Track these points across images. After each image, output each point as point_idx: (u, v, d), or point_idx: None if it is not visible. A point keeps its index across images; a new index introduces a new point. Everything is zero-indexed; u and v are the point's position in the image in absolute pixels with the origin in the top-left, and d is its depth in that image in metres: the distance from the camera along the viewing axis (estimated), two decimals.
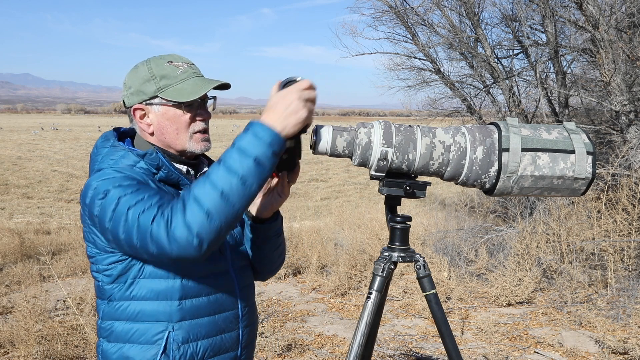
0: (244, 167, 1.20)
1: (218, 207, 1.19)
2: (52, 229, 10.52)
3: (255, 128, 1.23)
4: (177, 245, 1.20)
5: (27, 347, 3.75)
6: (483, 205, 8.71)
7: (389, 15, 9.59)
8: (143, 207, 1.25)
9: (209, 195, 1.19)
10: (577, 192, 1.49)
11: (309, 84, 1.28)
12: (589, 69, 8.24)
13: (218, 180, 1.20)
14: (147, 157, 1.39)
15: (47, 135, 48.90)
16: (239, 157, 1.21)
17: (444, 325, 1.56)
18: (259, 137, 1.22)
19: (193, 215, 1.18)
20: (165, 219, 1.21)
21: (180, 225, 1.19)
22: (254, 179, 1.22)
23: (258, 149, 1.21)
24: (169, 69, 1.43)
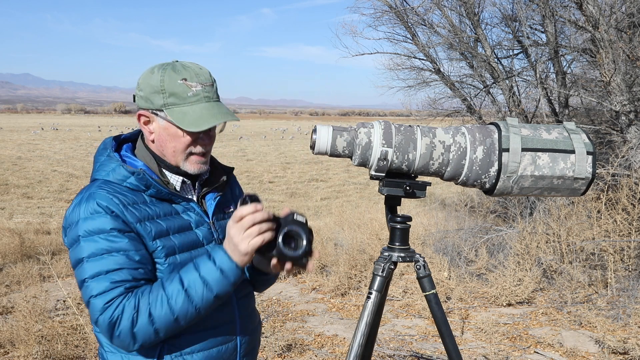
0: (204, 300, 1.29)
1: (169, 327, 1.29)
2: (52, 229, 10.52)
3: (223, 263, 1.29)
4: (118, 342, 1.29)
5: (27, 347, 3.75)
6: (483, 205, 8.70)
7: (389, 15, 9.59)
8: (92, 290, 1.28)
9: (163, 318, 1.27)
10: (577, 192, 1.49)
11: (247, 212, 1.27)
12: (589, 69, 8.24)
13: (176, 306, 1.27)
14: (136, 175, 1.38)
15: (47, 135, 48.90)
16: (202, 289, 1.29)
17: (444, 325, 1.56)
18: (224, 274, 1.29)
19: (142, 329, 1.27)
20: (112, 321, 1.26)
21: (126, 333, 1.26)
22: (207, 307, 1.31)
23: (221, 286, 1.30)
24: (180, 88, 1.37)
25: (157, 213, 1.40)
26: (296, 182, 22.26)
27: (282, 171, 25.22)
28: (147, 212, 1.37)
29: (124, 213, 1.33)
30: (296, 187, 20.94)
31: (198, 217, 1.47)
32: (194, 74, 1.39)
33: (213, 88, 1.42)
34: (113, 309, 1.25)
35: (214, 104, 1.40)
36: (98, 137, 47.64)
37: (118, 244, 1.30)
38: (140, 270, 1.32)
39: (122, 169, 1.39)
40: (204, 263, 1.30)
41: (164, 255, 1.37)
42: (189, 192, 1.52)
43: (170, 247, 1.38)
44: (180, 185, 1.49)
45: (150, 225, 1.36)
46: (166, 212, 1.42)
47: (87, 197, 1.34)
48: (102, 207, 1.31)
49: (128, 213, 1.34)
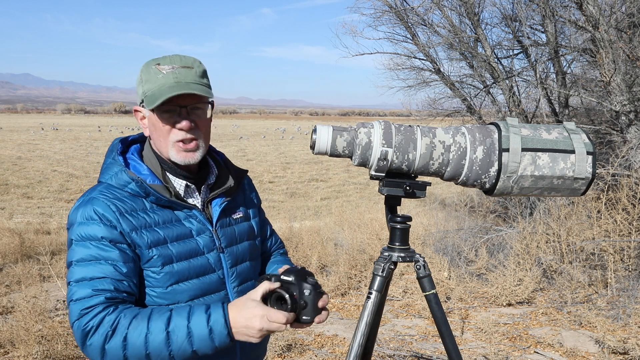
0: (181, 350, 1.24)
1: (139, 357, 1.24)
2: (52, 229, 10.52)
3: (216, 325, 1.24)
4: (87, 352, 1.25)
5: (27, 347, 3.75)
6: (483, 205, 8.70)
7: (389, 15, 9.59)
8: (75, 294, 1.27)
9: (136, 349, 1.23)
10: (577, 192, 1.48)
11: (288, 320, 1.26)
12: (589, 69, 8.24)
13: (152, 343, 1.23)
14: (135, 183, 1.37)
15: (47, 135, 48.90)
16: (184, 338, 1.24)
17: (444, 325, 1.55)
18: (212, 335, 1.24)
19: (113, 349, 1.23)
20: (86, 330, 1.24)
21: (97, 346, 1.23)
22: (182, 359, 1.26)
23: (204, 345, 1.24)
24: (152, 73, 1.37)
25: (156, 221, 1.38)
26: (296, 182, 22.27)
27: (282, 171, 25.23)
28: (144, 220, 1.36)
29: (119, 221, 1.32)
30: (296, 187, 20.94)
31: (200, 225, 1.44)
32: (169, 59, 1.39)
33: (190, 71, 1.38)
34: (90, 317, 1.24)
35: (180, 82, 1.35)
36: (98, 137, 47.65)
37: (107, 254, 1.30)
38: (125, 282, 1.30)
39: (124, 174, 1.38)
40: (198, 313, 1.26)
41: (161, 264, 1.35)
42: (193, 196, 1.49)
43: (167, 256, 1.36)
44: (184, 190, 1.46)
45: (147, 234, 1.35)
46: (166, 220, 1.39)
47: (86, 202, 1.35)
48: (98, 215, 1.32)
49: (124, 221, 1.33)
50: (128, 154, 1.48)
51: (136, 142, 1.53)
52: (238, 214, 1.56)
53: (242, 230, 1.55)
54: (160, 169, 1.45)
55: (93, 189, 1.39)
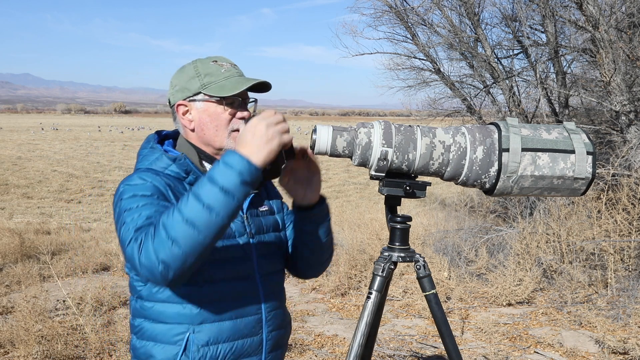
0: (210, 195, 1.21)
1: (183, 234, 1.20)
2: (52, 229, 10.52)
3: (227, 157, 1.25)
4: (146, 269, 1.22)
5: (27, 347, 3.75)
6: (483, 205, 8.70)
7: (389, 15, 9.60)
8: (128, 227, 1.29)
9: (174, 221, 1.21)
10: (577, 192, 1.49)
11: (274, 112, 1.31)
12: (589, 69, 8.24)
13: (184, 207, 1.21)
14: (177, 161, 1.44)
15: (47, 135, 48.90)
16: (207, 185, 1.23)
17: (444, 325, 1.55)
18: (228, 165, 1.23)
19: (159, 242, 1.20)
20: (138, 243, 1.24)
21: (149, 251, 1.21)
22: (221, 208, 1.22)
23: (225, 177, 1.22)
24: (213, 68, 1.48)
25: None
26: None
27: None
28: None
29: (166, 190, 1.38)
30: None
31: None
32: (221, 57, 1.53)
33: (239, 69, 1.53)
34: (141, 233, 1.26)
35: (245, 77, 1.49)
36: (98, 137, 47.63)
37: (158, 201, 1.35)
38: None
39: (165, 157, 1.45)
40: (212, 168, 1.27)
41: None
42: None
43: None
44: None
45: None
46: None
47: (131, 175, 1.41)
48: (145, 180, 1.37)
49: (169, 192, 1.39)
50: (164, 146, 1.54)
51: (169, 138, 1.61)
52: (264, 208, 1.61)
53: (268, 222, 1.60)
54: (198, 157, 1.51)
55: (135, 172, 1.44)
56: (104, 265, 6.76)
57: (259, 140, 1.26)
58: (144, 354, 1.45)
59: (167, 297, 1.41)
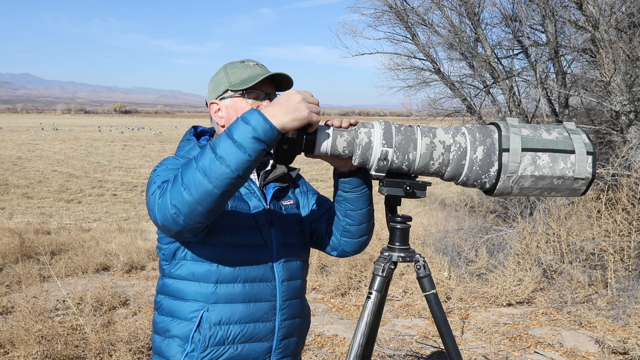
0: (223, 146, 1.26)
1: (194, 182, 1.25)
2: (52, 229, 10.53)
3: (247, 114, 1.28)
4: (160, 214, 1.30)
5: (27, 347, 3.75)
6: (483, 205, 8.70)
7: (389, 15, 9.60)
8: (155, 181, 1.38)
9: (189, 170, 1.27)
10: (577, 192, 1.48)
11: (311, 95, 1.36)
12: (589, 69, 8.24)
13: (200, 157, 1.27)
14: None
15: (47, 135, 48.90)
16: (223, 137, 1.28)
17: (444, 325, 1.55)
18: (245, 120, 1.27)
19: (175, 188, 1.28)
20: (160, 190, 1.32)
21: (166, 197, 1.29)
22: (231, 160, 1.24)
23: (239, 131, 1.26)
24: (239, 67, 1.59)
25: None
26: None
27: None
28: None
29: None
30: None
31: (257, 201, 1.58)
32: (251, 60, 1.63)
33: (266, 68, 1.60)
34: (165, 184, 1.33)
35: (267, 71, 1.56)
36: (98, 137, 47.62)
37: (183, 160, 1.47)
38: None
39: (198, 147, 1.56)
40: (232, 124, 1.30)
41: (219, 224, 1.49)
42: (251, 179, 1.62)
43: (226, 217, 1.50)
44: None
45: None
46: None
47: (166, 158, 1.53)
48: (178, 159, 1.50)
49: None
50: (200, 140, 1.64)
51: (205, 134, 1.70)
52: (288, 201, 1.67)
53: (291, 214, 1.66)
54: None
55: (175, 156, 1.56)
56: (104, 265, 6.76)
57: (290, 105, 1.29)
58: (162, 329, 1.54)
59: (185, 275, 1.50)
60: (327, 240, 1.72)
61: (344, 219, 1.64)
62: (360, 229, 1.66)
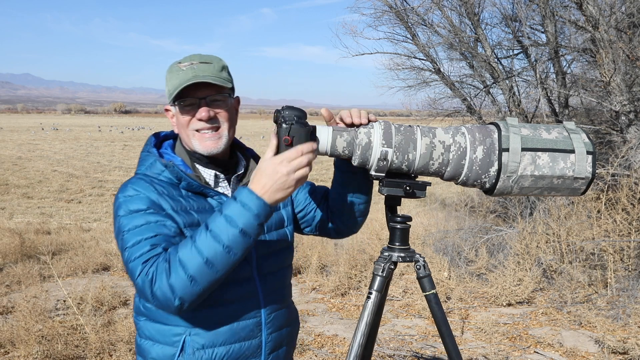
0: (230, 236, 1.25)
1: (202, 272, 1.25)
2: (52, 229, 10.52)
3: (244, 197, 1.27)
4: (159, 302, 1.27)
5: (27, 347, 3.75)
6: (483, 205, 8.70)
7: (389, 15, 9.60)
8: (132, 255, 1.31)
9: (193, 261, 1.24)
10: (577, 192, 1.49)
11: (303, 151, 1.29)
12: (589, 69, 8.24)
13: (203, 247, 1.25)
14: (168, 168, 1.44)
15: (48, 135, 48.90)
16: (226, 225, 1.25)
17: (444, 325, 1.56)
18: (246, 207, 1.26)
19: (177, 278, 1.24)
20: (149, 277, 1.27)
21: (164, 286, 1.25)
22: (239, 248, 1.26)
23: (244, 219, 1.25)
24: (174, 71, 1.46)
25: (191, 205, 1.43)
26: None
27: None
28: (180, 203, 1.42)
29: (159, 200, 1.39)
30: None
31: None
32: (189, 58, 1.46)
33: (209, 66, 1.44)
34: (149, 266, 1.28)
35: (198, 75, 1.41)
36: (98, 137, 47.60)
37: (155, 217, 1.36)
38: (177, 238, 1.35)
39: (158, 164, 1.45)
40: (226, 204, 1.29)
41: None
42: (221, 186, 1.54)
43: None
44: (214, 179, 1.52)
45: (183, 215, 1.40)
46: (200, 207, 1.45)
47: (126, 184, 1.43)
48: (139, 191, 1.39)
49: (163, 200, 1.39)
50: (162, 149, 1.54)
51: (168, 138, 1.61)
52: None
53: (272, 220, 1.58)
54: (190, 160, 1.51)
55: (131, 179, 1.46)
56: (104, 265, 6.76)
57: (278, 185, 1.27)
58: (145, 351, 1.48)
59: None
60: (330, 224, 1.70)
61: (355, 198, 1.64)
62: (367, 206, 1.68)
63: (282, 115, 1.39)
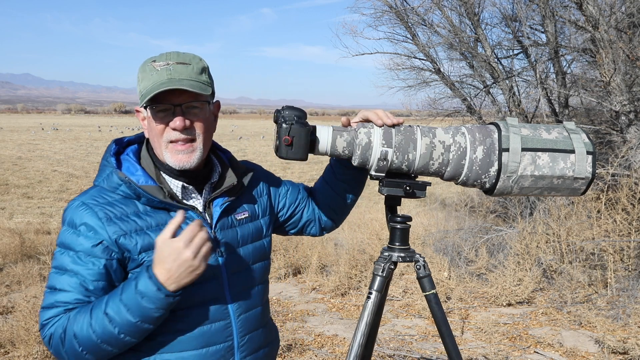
0: (125, 324, 1.21)
1: (96, 350, 1.23)
2: (53, 229, 10.52)
3: (143, 286, 1.20)
4: (56, 356, 1.27)
5: (27, 347, 3.75)
6: (483, 205, 8.70)
7: (389, 15, 9.59)
8: (45, 302, 1.28)
9: (88, 341, 1.22)
10: (577, 192, 1.49)
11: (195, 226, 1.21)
12: (589, 69, 8.24)
13: (98, 328, 1.21)
14: (125, 185, 1.32)
15: (48, 136, 48.91)
16: (123, 312, 1.20)
17: (444, 325, 1.55)
18: (145, 298, 1.20)
19: (70, 350, 1.23)
20: (46, 337, 1.27)
21: (58, 351, 1.26)
22: (137, 335, 1.23)
23: (142, 311, 1.20)
24: (147, 71, 1.31)
25: (149, 224, 1.32)
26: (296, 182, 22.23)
27: (282, 171, 25.23)
28: (135, 224, 1.31)
29: (105, 229, 1.28)
30: None
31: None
32: (165, 56, 1.32)
33: (187, 67, 1.30)
34: (48, 327, 1.27)
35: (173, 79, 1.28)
36: (98, 137, 47.61)
37: (78, 267, 1.27)
38: (92, 298, 1.27)
39: (114, 177, 1.33)
40: (128, 286, 1.22)
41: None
42: (192, 197, 1.41)
43: None
44: (182, 190, 1.39)
45: (137, 238, 1.30)
46: (160, 222, 1.32)
47: (76, 208, 1.32)
48: (82, 224, 1.29)
49: (111, 228, 1.28)
50: (123, 155, 1.41)
51: (133, 143, 1.46)
52: (242, 214, 1.47)
53: (246, 231, 1.46)
54: (154, 168, 1.38)
55: (86, 192, 1.35)
56: None
57: (184, 270, 1.20)
58: None
59: None
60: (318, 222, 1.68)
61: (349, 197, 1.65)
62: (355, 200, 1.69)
63: (282, 115, 1.38)
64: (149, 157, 1.40)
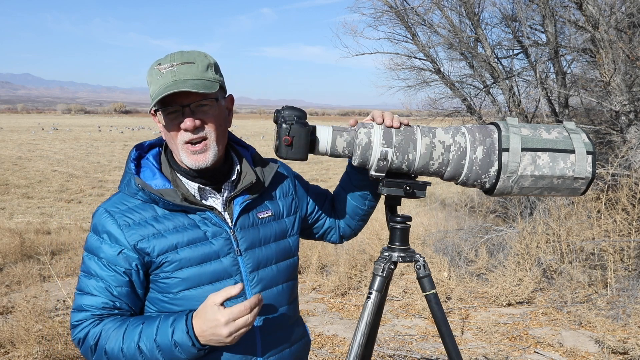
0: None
1: None
2: (52, 229, 10.53)
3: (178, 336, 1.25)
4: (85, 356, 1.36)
5: (27, 347, 3.75)
6: (483, 205, 8.70)
7: (389, 15, 9.60)
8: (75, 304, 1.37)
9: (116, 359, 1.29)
10: (577, 192, 1.48)
11: (251, 306, 1.23)
12: (589, 69, 8.24)
13: (129, 354, 1.27)
14: (142, 191, 1.35)
15: (48, 136, 48.89)
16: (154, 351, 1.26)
17: (444, 325, 1.55)
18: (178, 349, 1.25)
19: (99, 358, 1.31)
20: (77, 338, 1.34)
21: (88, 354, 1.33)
22: None
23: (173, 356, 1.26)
24: (154, 74, 1.32)
25: (166, 227, 1.34)
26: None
27: None
28: (153, 228, 1.34)
29: (125, 236, 1.33)
30: None
31: (216, 228, 1.38)
32: (170, 58, 1.33)
33: (191, 67, 1.31)
34: (78, 330, 1.34)
35: (178, 80, 1.28)
36: (98, 137, 47.61)
37: (103, 273, 1.34)
38: (116, 302, 1.34)
39: (132, 184, 1.36)
40: (164, 327, 1.27)
41: (170, 270, 1.34)
42: (211, 197, 1.42)
43: (176, 262, 1.34)
44: (199, 192, 1.40)
45: (155, 242, 1.33)
46: (178, 225, 1.35)
47: (99, 215, 1.38)
48: (104, 232, 1.35)
49: (130, 235, 1.33)
50: (144, 159, 1.43)
51: (154, 146, 1.48)
52: (265, 213, 1.47)
53: (269, 230, 1.46)
54: (170, 171, 1.40)
55: (110, 198, 1.41)
56: None
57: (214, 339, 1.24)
58: None
59: None
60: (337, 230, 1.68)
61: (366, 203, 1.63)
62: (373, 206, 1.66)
63: (282, 115, 1.38)
64: (167, 160, 1.43)
